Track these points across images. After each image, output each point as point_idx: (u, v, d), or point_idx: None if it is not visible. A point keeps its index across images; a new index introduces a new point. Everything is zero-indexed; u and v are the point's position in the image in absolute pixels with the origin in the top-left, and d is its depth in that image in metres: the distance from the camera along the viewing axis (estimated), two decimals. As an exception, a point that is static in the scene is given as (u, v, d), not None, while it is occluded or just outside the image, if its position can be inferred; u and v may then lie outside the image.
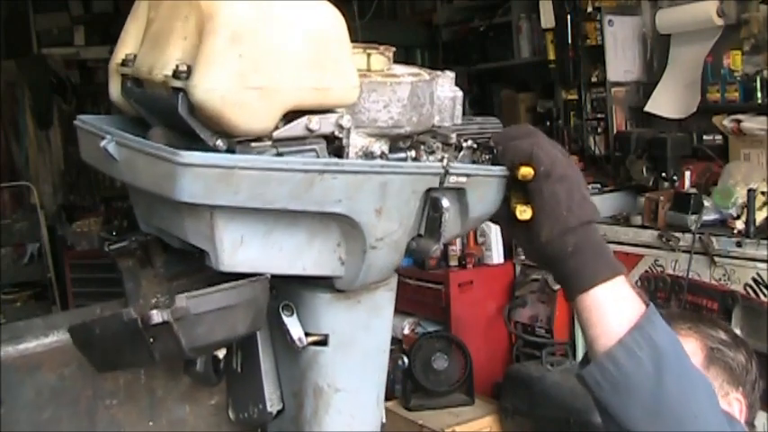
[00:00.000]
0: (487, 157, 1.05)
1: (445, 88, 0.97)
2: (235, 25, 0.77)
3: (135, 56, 0.93)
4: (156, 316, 0.74)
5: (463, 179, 0.94)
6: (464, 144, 1.02)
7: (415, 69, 0.97)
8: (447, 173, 0.92)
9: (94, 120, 0.93)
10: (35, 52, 6.29)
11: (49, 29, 6.44)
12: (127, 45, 0.94)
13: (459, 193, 0.95)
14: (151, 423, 0.91)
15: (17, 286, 5.86)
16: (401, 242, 0.92)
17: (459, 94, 0.98)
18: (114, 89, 0.96)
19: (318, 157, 0.85)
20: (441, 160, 0.96)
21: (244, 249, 0.82)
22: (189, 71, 0.78)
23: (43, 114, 6.10)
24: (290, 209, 0.81)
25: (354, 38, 0.87)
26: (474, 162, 1.04)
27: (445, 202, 0.92)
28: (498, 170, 1.00)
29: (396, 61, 0.98)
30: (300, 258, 0.86)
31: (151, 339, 0.75)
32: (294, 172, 0.79)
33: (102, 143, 0.83)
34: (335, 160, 0.85)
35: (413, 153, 0.96)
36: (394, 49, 0.95)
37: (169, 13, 0.86)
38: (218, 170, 0.75)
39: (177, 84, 0.79)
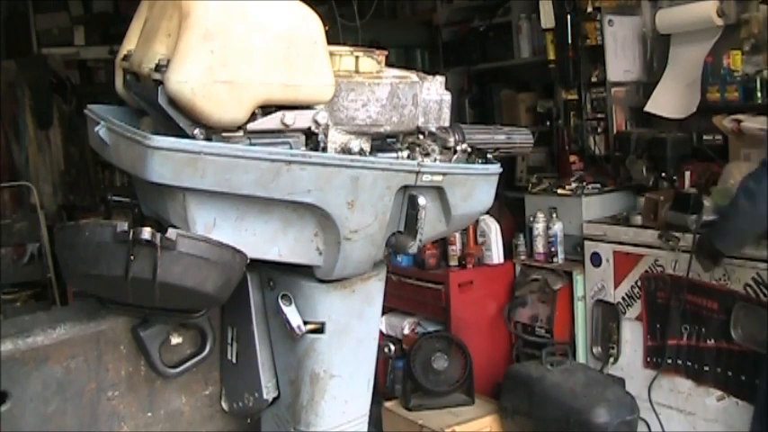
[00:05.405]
0: (481, 160, 1.08)
1: (432, 91, 1.00)
2: (207, 24, 0.82)
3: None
4: (147, 234, 0.78)
5: (439, 177, 0.97)
6: (458, 148, 1.05)
7: (405, 72, 1.00)
8: (420, 171, 0.95)
9: (101, 109, 0.98)
10: (35, 52, 6.29)
11: (49, 29, 6.45)
12: (130, 41, 0.99)
13: (439, 191, 0.98)
14: (150, 414, 0.91)
15: (17, 286, 5.84)
16: (377, 236, 0.95)
17: (447, 97, 1.01)
18: (119, 82, 1.03)
19: (291, 149, 0.88)
20: (408, 158, 0.99)
21: (217, 231, 0.87)
22: (167, 65, 0.84)
23: (43, 114, 6.09)
24: (258, 195, 0.85)
25: (354, 38, 0.89)
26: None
27: (422, 200, 0.96)
28: (478, 168, 1.02)
29: (396, 62, 1.00)
30: (275, 244, 0.90)
31: (132, 257, 0.78)
32: (260, 161, 0.83)
33: (96, 128, 0.90)
34: (303, 152, 0.89)
35: (405, 153, 1.00)
36: (386, 52, 0.98)
37: (159, 13, 0.91)
38: (185, 155, 0.81)
39: (157, 76, 0.85)
